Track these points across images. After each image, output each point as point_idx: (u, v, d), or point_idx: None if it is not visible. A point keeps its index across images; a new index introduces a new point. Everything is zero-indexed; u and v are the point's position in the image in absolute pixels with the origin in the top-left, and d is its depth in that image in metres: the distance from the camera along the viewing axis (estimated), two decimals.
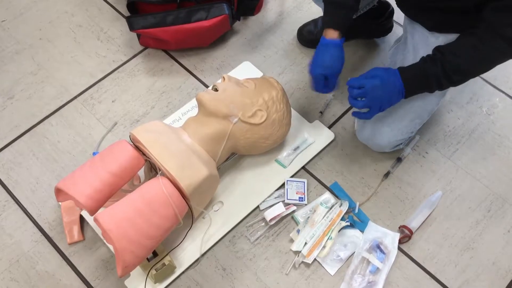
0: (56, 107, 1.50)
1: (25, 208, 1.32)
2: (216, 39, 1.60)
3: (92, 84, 1.54)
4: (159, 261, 1.17)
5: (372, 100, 1.15)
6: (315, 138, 1.41)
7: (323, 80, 1.25)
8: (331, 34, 1.21)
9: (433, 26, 1.23)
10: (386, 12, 1.55)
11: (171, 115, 1.46)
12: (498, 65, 1.12)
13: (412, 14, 1.28)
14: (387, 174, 1.37)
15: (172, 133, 1.18)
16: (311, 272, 1.23)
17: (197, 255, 1.24)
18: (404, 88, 1.14)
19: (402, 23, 1.43)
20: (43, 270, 1.24)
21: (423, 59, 1.14)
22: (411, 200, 1.34)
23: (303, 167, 1.38)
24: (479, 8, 1.08)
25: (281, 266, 1.24)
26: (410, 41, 1.29)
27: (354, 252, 1.25)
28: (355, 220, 1.30)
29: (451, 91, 1.47)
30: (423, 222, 1.30)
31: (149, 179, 1.15)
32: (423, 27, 1.26)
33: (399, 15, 1.39)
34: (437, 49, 1.13)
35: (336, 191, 1.34)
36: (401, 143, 1.35)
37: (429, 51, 1.15)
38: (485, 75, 1.56)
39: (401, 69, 1.15)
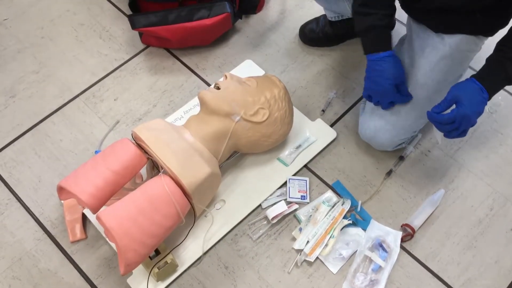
0: (58, 105, 1.50)
1: (27, 207, 1.32)
2: (218, 37, 1.60)
3: (94, 82, 1.55)
4: (161, 259, 1.17)
5: (465, 125, 1.11)
6: (317, 136, 1.41)
7: (395, 91, 1.22)
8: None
9: (438, 28, 1.23)
10: None
11: (173, 113, 1.46)
12: None
13: (417, 15, 1.28)
14: (389, 173, 1.37)
15: (174, 131, 1.18)
16: (313, 270, 1.23)
17: (199, 254, 1.24)
18: (489, 94, 1.10)
19: (405, 22, 1.43)
20: (46, 268, 1.24)
21: (495, 60, 1.11)
22: (413, 198, 1.34)
23: (305, 166, 1.38)
24: (484, 8, 1.08)
25: (283, 265, 1.24)
26: (415, 41, 1.28)
27: (356, 251, 1.25)
28: (357, 218, 1.29)
29: None
30: (426, 220, 1.30)
31: (151, 178, 1.15)
32: (428, 28, 1.26)
33: (401, 14, 1.39)
34: (506, 46, 1.09)
35: (338, 190, 1.34)
36: (403, 142, 1.35)
37: (433, 51, 1.15)
38: None
39: (479, 78, 1.10)
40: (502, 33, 1.18)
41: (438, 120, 1.12)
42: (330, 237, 1.24)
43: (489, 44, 1.28)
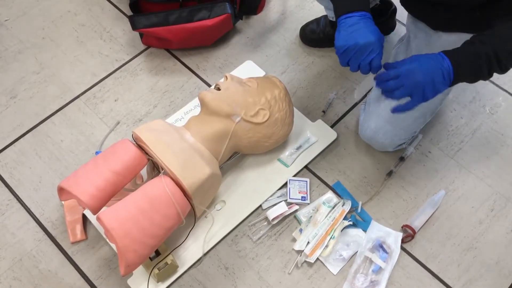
0: (59, 106, 1.50)
1: (28, 207, 1.32)
2: (218, 38, 1.60)
3: (95, 83, 1.55)
4: (162, 260, 1.17)
5: (412, 87, 1.01)
6: (318, 137, 1.41)
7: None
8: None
9: (437, 25, 1.23)
10: (388, 11, 1.55)
11: (173, 114, 1.46)
12: None
13: (416, 12, 1.28)
14: (390, 173, 1.37)
15: (175, 132, 1.18)
16: (313, 271, 1.23)
17: (200, 254, 1.24)
18: (454, 71, 1.00)
19: (405, 22, 1.43)
20: (46, 269, 1.24)
21: (469, 41, 1.03)
22: (414, 199, 1.34)
23: (305, 166, 1.38)
24: (484, 5, 1.07)
25: (284, 266, 1.24)
26: (413, 41, 1.28)
27: (356, 252, 1.25)
28: (357, 219, 1.29)
29: (454, 90, 1.47)
30: (426, 221, 1.30)
31: (152, 178, 1.15)
32: (427, 27, 1.26)
33: (402, 14, 1.39)
34: (480, 34, 1.02)
35: (338, 191, 1.34)
36: (404, 143, 1.35)
37: (431, 51, 1.14)
38: None
39: (447, 52, 1.02)
40: None
41: (382, 75, 1.03)
42: (331, 238, 1.24)
43: None
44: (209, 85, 1.55)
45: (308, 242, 1.24)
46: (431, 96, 1.02)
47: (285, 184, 1.34)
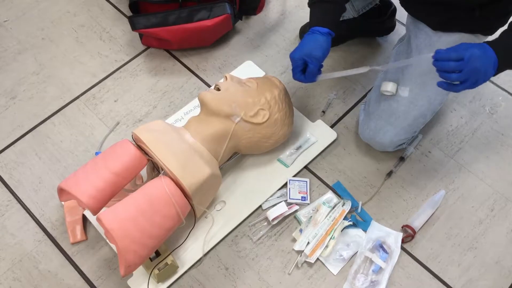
0: (59, 107, 1.50)
1: (28, 208, 1.32)
2: (218, 38, 1.60)
3: (95, 84, 1.55)
4: (162, 260, 1.17)
5: (470, 72, 1.01)
6: (318, 137, 1.41)
7: (301, 66, 1.18)
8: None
9: (437, 25, 1.23)
10: (388, 11, 1.55)
11: (173, 114, 1.46)
12: None
13: (416, 12, 1.28)
14: (390, 174, 1.37)
15: (174, 132, 1.18)
16: (313, 271, 1.23)
17: (200, 255, 1.24)
18: (498, 61, 1.03)
19: (405, 23, 1.43)
20: (46, 270, 1.24)
21: (506, 32, 1.06)
22: (414, 199, 1.34)
23: (305, 167, 1.38)
24: (484, 5, 1.08)
25: (284, 266, 1.24)
26: (413, 41, 1.28)
27: (357, 252, 1.25)
28: (357, 219, 1.29)
29: None
30: (426, 221, 1.30)
31: (152, 179, 1.15)
32: (426, 27, 1.26)
33: (402, 14, 1.39)
34: None
35: (338, 191, 1.34)
36: (404, 142, 1.35)
37: (432, 51, 1.14)
38: None
39: (490, 43, 1.05)
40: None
41: (443, 55, 1.03)
42: (331, 238, 1.24)
43: None
44: (209, 86, 1.54)
45: (308, 242, 1.24)
46: (480, 84, 1.04)
47: (285, 184, 1.33)
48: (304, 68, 1.18)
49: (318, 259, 1.24)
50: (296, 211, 1.30)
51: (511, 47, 1.04)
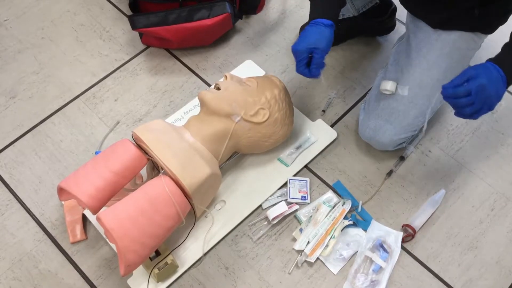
0: (59, 106, 1.50)
1: (27, 208, 1.32)
2: (218, 37, 1.60)
3: (95, 83, 1.54)
4: (162, 260, 1.17)
5: (482, 102, 1.02)
6: (318, 136, 1.41)
7: (306, 59, 1.15)
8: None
9: (436, 23, 1.22)
10: (388, 10, 1.55)
11: (173, 114, 1.46)
12: None
13: (416, 11, 1.28)
14: (390, 173, 1.37)
15: (174, 132, 1.18)
16: (314, 271, 1.23)
17: (200, 254, 1.24)
18: (506, 76, 1.02)
19: (405, 22, 1.43)
20: (46, 269, 1.24)
21: (509, 45, 1.05)
22: (414, 198, 1.34)
23: (305, 166, 1.37)
24: (483, 3, 1.07)
25: (284, 265, 1.24)
26: (413, 40, 1.28)
27: (357, 251, 1.24)
28: (358, 219, 1.29)
29: None
30: (426, 221, 1.29)
31: (152, 178, 1.15)
32: (426, 25, 1.26)
33: (402, 14, 1.39)
34: None
35: (338, 190, 1.34)
36: (404, 142, 1.35)
37: (432, 49, 1.14)
38: None
39: (496, 60, 1.04)
40: (502, 31, 1.18)
41: (450, 92, 1.03)
42: (331, 237, 1.24)
43: (490, 43, 1.29)
44: (209, 85, 1.54)
45: (308, 242, 1.23)
46: (496, 104, 1.04)
47: (285, 184, 1.33)
48: (308, 62, 1.16)
49: (318, 258, 1.23)
50: (296, 210, 1.30)
51: None
